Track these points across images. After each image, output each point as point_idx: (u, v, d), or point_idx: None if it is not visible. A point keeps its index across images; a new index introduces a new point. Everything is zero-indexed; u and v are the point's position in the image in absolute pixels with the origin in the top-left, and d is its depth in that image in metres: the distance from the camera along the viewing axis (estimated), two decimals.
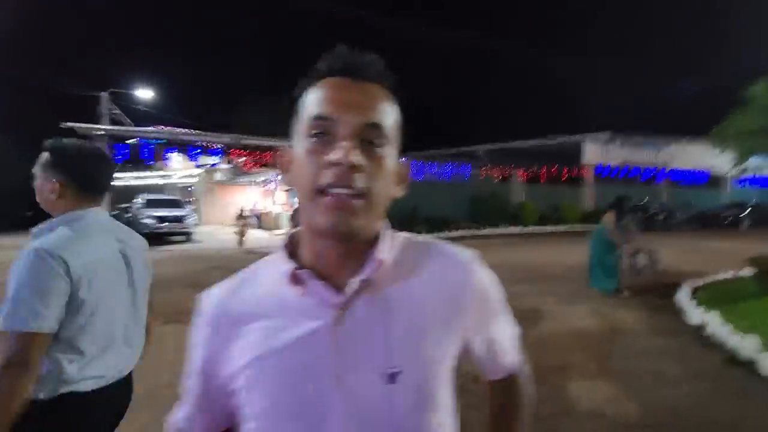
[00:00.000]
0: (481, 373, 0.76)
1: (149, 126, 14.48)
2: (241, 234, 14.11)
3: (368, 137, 0.57)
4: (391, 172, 0.60)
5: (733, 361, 3.85)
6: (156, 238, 13.69)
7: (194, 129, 14.99)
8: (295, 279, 0.60)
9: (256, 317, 0.62)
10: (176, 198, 16.70)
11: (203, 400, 0.68)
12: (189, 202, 19.48)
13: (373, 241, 0.62)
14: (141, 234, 1.71)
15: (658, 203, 18.63)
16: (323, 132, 0.57)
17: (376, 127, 0.57)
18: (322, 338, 0.58)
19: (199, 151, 14.32)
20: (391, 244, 0.64)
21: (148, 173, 20.90)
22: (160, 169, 21.89)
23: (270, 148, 14.24)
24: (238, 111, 26.69)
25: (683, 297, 5.69)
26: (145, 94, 15.28)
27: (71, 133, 11.37)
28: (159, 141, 13.39)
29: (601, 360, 3.92)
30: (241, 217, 15.10)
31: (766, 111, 7.03)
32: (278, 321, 0.60)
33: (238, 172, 21.28)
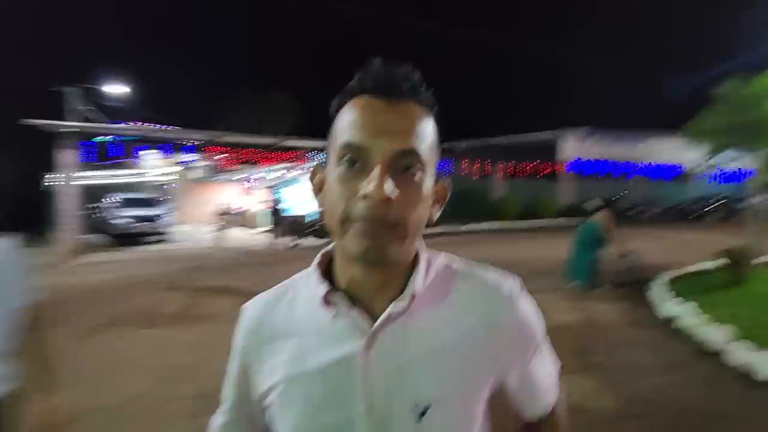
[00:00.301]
0: (517, 412, 0.72)
1: (123, 122, 14.00)
2: (222, 230, 13.88)
3: (402, 164, 0.54)
4: (427, 197, 0.58)
5: (705, 351, 3.99)
6: (129, 239, 13.34)
7: (171, 126, 14.56)
8: (328, 301, 0.59)
9: (290, 335, 0.62)
10: (150, 197, 16.27)
11: (240, 409, 0.68)
12: (165, 201, 19.03)
13: (409, 266, 0.60)
14: (113, 235, 1.60)
15: (633, 198, 19.19)
16: (355, 159, 0.54)
17: (410, 154, 0.54)
18: (351, 364, 0.57)
19: (175, 148, 13.96)
20: (426, 272, 0.62)
21: (121, 171, 20.29)
22: (135, 167, 21.28)
23: (249, 146, 13.97)
24: (217, 107, 26.13)
25: (657, 289, 5.87)
26: (118, 89, 14.74)
27: (33, 130, 10.84)
28: (133, 138, 12.95)
29: (580, 354, 4.00)
30: (222, 214, 14.85)
31: (736, 108, 7.31)
32: (310, 341, 0.60)
33: (216, 170, 20.86)
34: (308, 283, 0.63)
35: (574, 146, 18.17)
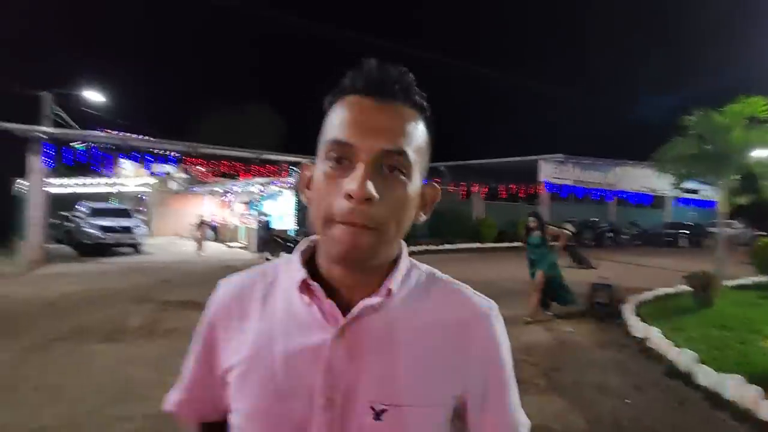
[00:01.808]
0: None
1: (98, 130, 13.67)
2: (199, 241, 13.57)
3: (388, 164, 0.54)
4: (412, 198, 0.57)
5: (672, 372, 4.04)
6: (101, 250, 12.87)
7: (148, 135, 14.30)
8: (304, 288, 0.58)
9: (262, 316, 0.61)
10: (124, 207, 15.84)
11: (200, 386, 0.66)
12: (139, 212, 18.51)
13: (390, 266, 0.60)
14: (83, 245, 1.51)
15: (607, 222, 19.71)
16: (341, 157, 0.54)
17: (397, 154, 0.54)
18: (317, 353, 0.56)
19: (152, 158, 13.66)
20: (407, 274, 0.61)
21: (95, 180, 19.73)
22: (110, 176, 20.74)
23: (228, 158, 13.81)
24: (196, 119, 25.91)
25: (628, 312, 5.97)
26: (94, 96, 14.44)
27: (5, 134, 10.48)
28: (109, 146, 12.62)
29: (550, 374, 3.99)
30: (200, 225, 14.53)
31: (699, 139, 7.66)
32: (281, 325, 0.59)
33: (194, 182, 20.50)
34: (288, 268, 0.63)
35: (550, 171, 18.68)
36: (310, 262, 0.62)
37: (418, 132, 0.57)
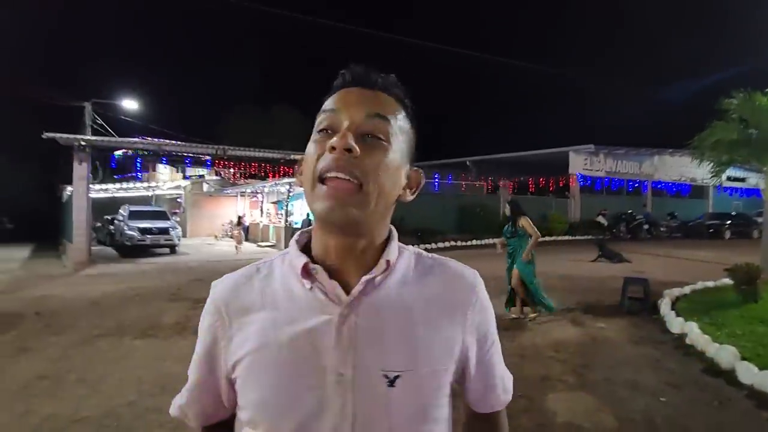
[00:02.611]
0: (468, 403, 0.73)
1: (134, 137, 14.32)
2: (238, 240, 13.96)
3: (369, 130, 0.59)
4: (392, 168, 0.60)
5: (712, 370, 3.85)
6: (140, 250, 13.50)
7: (181, 140, 14.86)
8: (305, 273, 0.61)
9: (263, 307, 0.63)
10: (161, 209, 16.50)
11: (205, 387, 0.68)
12: (175, 214, 19.24)
13: (381, 247, 0.64)
14: (124, 247, 1.60)
15: (643, 214, 18.88)
16: (328, 127, 0.60)
17: (377, 118, 0.59)
18: (325, 334, 0.59)
19: (186, 162, 14.19)
20: (399, 252, 0.66)
21: (134, 185, 20.69)
22: (147, 180, 21.68)
23: (257, 159, 14.15)
24: (226, 122, 26.64)
25: (664, 307, 5.71)
26: (129, 104, 15.16)
27: (53, 143, 11.18)
28: (145, 152, 13.22)
29: (580, 371, 3.88)
30: (238, 224, 14.93)
31: (741, 123, 7.20)
32: (284, 313, 0.61)
33: (225, 184, 21.13)
34: (284, 259, 0.66)
35: (581, 163, 18.07)
36: (305, 251, 0.64)
37: (400, 114, 0.63)
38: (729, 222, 18.68)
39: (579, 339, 4.80)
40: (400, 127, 0.62)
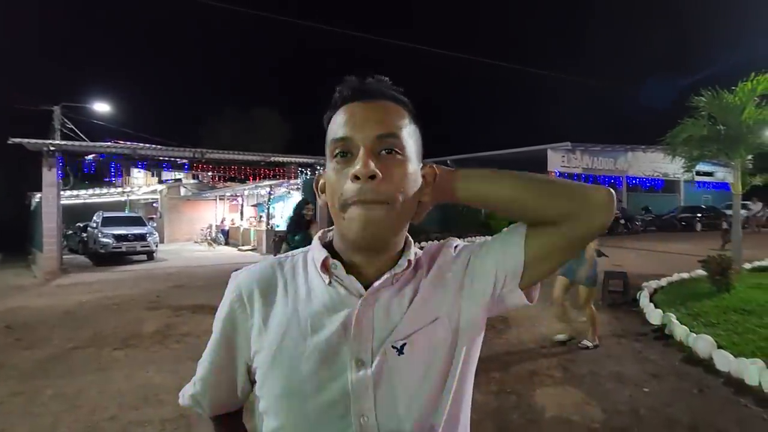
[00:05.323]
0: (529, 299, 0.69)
1: (107, 141, 13.86)
2: (211, 245, 13.70)
3: (383, 147, 0.61)
4: (412, 174, 0.63)
5: (691, 359, 3.97)
6: (116, 258, 13.07)
7: (157, 144, 14.47)
8: (324, 267, 0.64)
9: (283, 299, 0.65)
10: (136, 215, 16.05)
11: (220, 375, 0.70)
12: (152, 219, 18.74)
13: (398, 253, 0.67)
14: (98, 254, 1.53)
15: (619, 209, 19.37)
16: (344, 152, 0.62)
17: (388, 137, 0.61)
18: (344, 327, 0.62)
19: (163, 166, 13.81)
20: (414, 251, 0.70)
21: (107, 190, 20.05)
22: (122, 185, 21.06)
23: (236, 162, 13.91)
24: (204, 125, 26.12)
25: (643, 299, 5.87)
26: (101, 107, 14.65)
27: (21, 149, 10.70)
28: (118, 156, 12.79)
29: (566, 365, 3.95)
30: (212, 229, 14.66)
31: (710, 120, 7.47)
32: (304, 304, 0.64)
33: (203, 187, 20.70)
34: (306, 256, 0.70)
35: (558, 160, 18.46)
36: (327, 248, 0.67)
37: (405, 120, 0.65)
38: (700, 215, 19.43)
39: (563, 332, 4.88)
40: (409, 134, 0.65)
